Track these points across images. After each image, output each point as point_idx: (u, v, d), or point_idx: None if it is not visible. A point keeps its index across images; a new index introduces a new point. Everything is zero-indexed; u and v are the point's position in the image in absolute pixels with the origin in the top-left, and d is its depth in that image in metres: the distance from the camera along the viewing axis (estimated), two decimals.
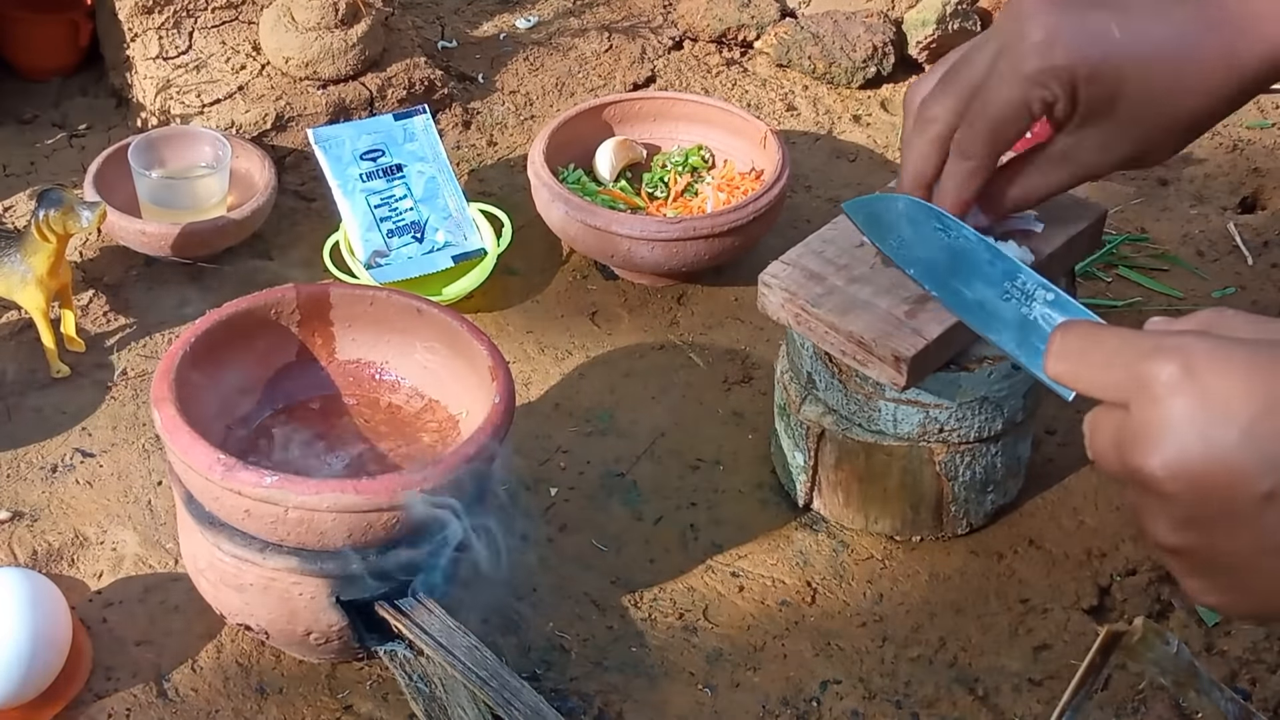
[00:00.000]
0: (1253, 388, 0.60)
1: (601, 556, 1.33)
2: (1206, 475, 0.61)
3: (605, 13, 2.08)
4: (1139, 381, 0.62)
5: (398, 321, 1.26)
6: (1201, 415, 0.60)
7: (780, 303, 1.21)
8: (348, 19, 1.77)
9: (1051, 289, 0.86)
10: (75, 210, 1.40)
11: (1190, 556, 0.64)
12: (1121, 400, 0.63)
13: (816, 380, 1.29)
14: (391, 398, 1.27)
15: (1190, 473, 0.61)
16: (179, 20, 1.79)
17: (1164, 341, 0.62)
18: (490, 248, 1.62)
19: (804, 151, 1.88)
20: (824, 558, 1.33)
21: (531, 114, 1.90)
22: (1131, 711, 1.18)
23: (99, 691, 1.18)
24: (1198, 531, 0.63)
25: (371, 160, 1.64)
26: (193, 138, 1.65)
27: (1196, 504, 0.62)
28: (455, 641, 1.12)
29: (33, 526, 1.32)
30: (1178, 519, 0.63)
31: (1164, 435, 0.61)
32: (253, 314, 1.23)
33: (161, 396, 1.12)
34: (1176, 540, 0.64)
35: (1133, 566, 1.32)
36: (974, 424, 1.25)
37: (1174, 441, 0.61)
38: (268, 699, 1.19)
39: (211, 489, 1.08)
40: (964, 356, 1.21)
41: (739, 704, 1.21)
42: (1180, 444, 0.61)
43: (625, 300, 1.63)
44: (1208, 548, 0.63)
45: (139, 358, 1.51)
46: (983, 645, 1.26)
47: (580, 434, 1.46)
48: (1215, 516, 0.62)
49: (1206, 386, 0.60)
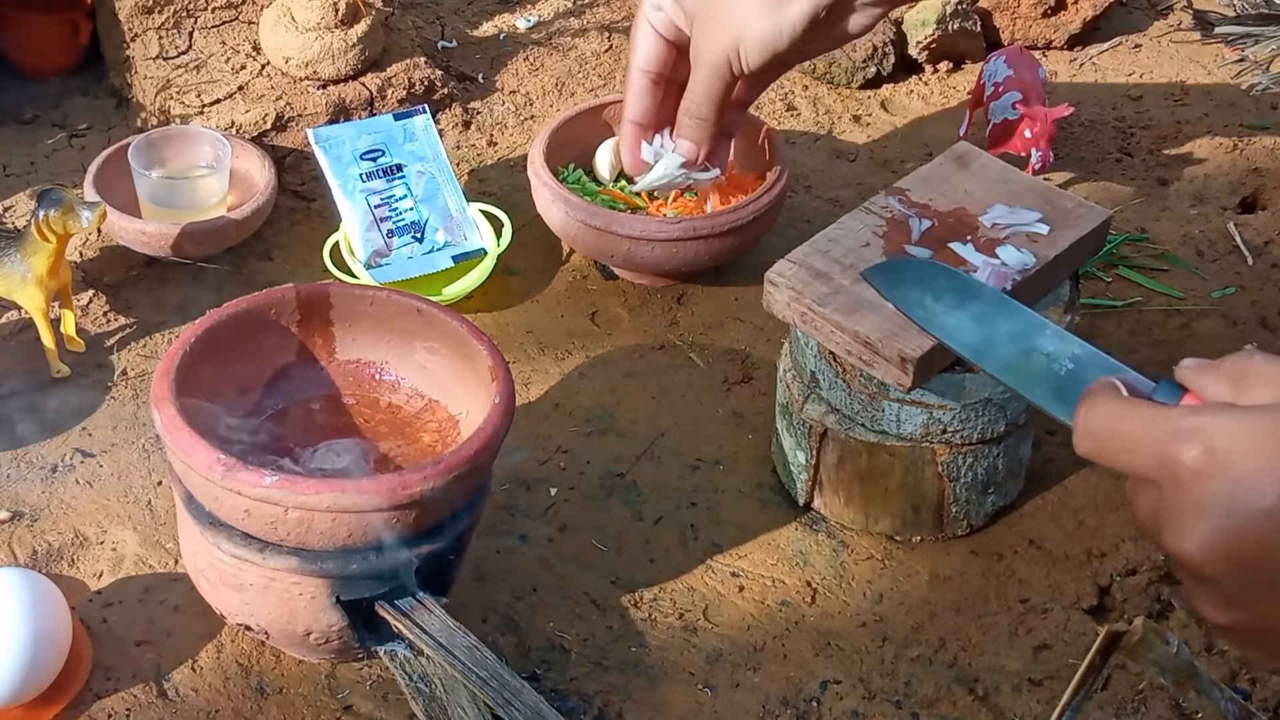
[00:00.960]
0: (1275, 460, 0.60)
1: (601, 556, 1.33)
2: (1243, 553, 0.61)
3: (605, 12, 2.07)
4: (1165, 468, 0.63)
5: (398, 321, 1.26)
6: (1228, 495, 0.60)
7: (786, 301, 1.21)
8: (348, 19, 1.77)
9: (1075, 341, 0.85)
10: (75, 210, 1.40)
11: (1244, 630, 0.64)
12: (1152, 480, 0.64)
13: (820, 379, 1.29)
14: (391, 398, 1.27)
15: (1227, 553, 0.61)
16: (179, 20, 1.79)
17: (1183, 423, 0.62)
18: (490, 248, 1.62)
19: (804, 151, 1.88)
20: (824, 558, 1.33)
21: (531, 114, 1.90)
22: (1131, 711, 1.18)
23: (99, 691, 1.18)
24: (1247, 607, 0.63)
25: (371, 160, 1.64)
26: (193, 138, 1.65)
27: (1239, 581, 0.62)
28: (455, 641, 1.12)
29: (33, 526, 1.31)
30: (1224, 598, 0.63)
31: (1197, 520, 0.61)
32: (253, 314, 1.23)
33: (161, 396, 1.12)
34: (1228, 619, 0.64)
35: (1133, 567, 1.32)
36: (977, 425, 1.25)
37: (1207, 525, 0.61)
38: (268, 699, 1.19)
39: (211, 489, 1.08)
40: None
41: (739, 704, 1.21)
42: (1213, 526, 0.61)
43: (625, 300, 1.63)
44: (1260, 619, 0.63)
45: (139, 358, 1.51)
46: (983, 645, 1.26)
47: (580, 434, 1.46)
48: (1259, 589, 0.62)
49: (1230, 466, 0.61)
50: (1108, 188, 1.80)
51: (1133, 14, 2.20)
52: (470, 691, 1.10)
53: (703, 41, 1.09)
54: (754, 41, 1.06)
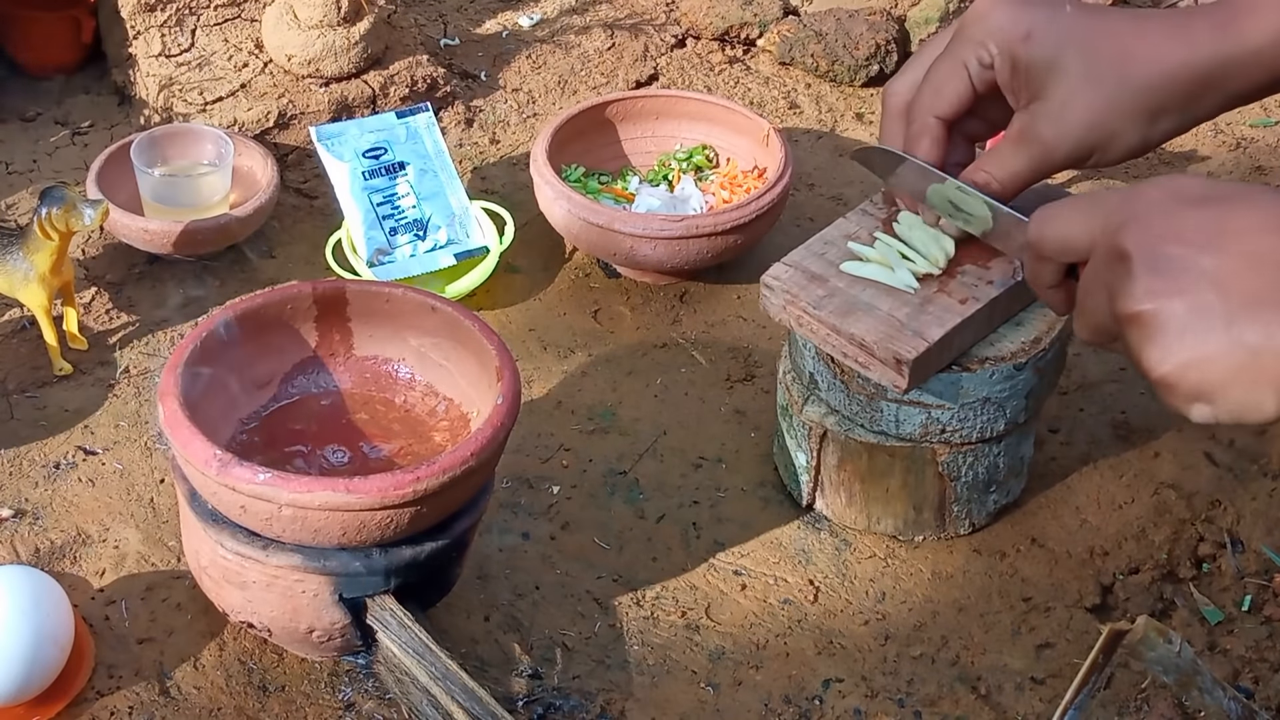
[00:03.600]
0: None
1: (604, 554, 1.33)
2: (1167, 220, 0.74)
3: (608, 10, 2.07)
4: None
5: (413, 319, 1.26)
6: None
7: (782, 305, 1.21)
8: (350, 17, 1.77)
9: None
10: (78, 208, 1.40)
11: (1148, 320, 0.73)
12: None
13: (819, 381, 1.29)
14: (407, 395, 1.27)
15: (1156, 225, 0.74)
16: (181, 18, 1.79)
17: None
18: (492, 246, 1.62)
19: (807, 149, 1.88)
20: (826, 556, 1.33)
21: (534, 112, 1.90)
22: (1134, 710, 1.18)
23: (101, 689, 1.18)
24: (1161, 277, 0.73)
25: (374, 158, 1.64)
26: (195, 135, 1.65)
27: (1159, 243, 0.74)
28: (413, 647, 1.12)
29: (35, 524, 1.32)
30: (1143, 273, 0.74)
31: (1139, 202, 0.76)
32: (267, 310, 1.23)
33: (166, 391, 1.12)
34: (1139, 304, 0.73)
35: (1135, 565, 1.32)
36: (976, 424, 1.24)
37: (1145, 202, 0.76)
38: (270, 696, 1.19)
39: (209, 484, 1.08)
40: (966, 357, 1.21)
41: (741, 702, 1.21)
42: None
43: (628, 298, 1.63)
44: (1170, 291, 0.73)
45: (141, 355, 1.51)
46: (985, 644, 1.26)
47: (582, 432, 1.46)
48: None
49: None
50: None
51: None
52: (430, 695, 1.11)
53: (1047, 127, 1.00)
54: (1120, 150, 1.00)
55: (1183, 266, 0.72)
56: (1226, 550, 1.31)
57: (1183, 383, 0.73)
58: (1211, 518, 1.34)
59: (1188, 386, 0.73)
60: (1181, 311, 0.72)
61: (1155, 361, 0.73)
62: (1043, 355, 1.23)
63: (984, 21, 1.01)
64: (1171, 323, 0.72)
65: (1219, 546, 1.32)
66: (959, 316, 1.17)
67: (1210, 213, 0.73)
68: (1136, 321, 0.73)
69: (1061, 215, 0.81)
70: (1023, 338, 1.23)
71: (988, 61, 1.01)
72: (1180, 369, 0.72)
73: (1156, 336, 0.73)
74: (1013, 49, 0.99)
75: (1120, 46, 0.97)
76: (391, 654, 1.14)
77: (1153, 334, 0.73)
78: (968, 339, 1.20)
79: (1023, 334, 1.23)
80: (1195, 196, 0.75)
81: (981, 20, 1.01)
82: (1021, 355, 1.22)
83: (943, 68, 1.04)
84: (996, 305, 1.20)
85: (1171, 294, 0.72)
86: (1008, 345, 1.22)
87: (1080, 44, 0.97)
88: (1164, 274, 0.72)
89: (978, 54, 1.01)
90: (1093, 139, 0.99)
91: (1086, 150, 1.00)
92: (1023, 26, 0.99)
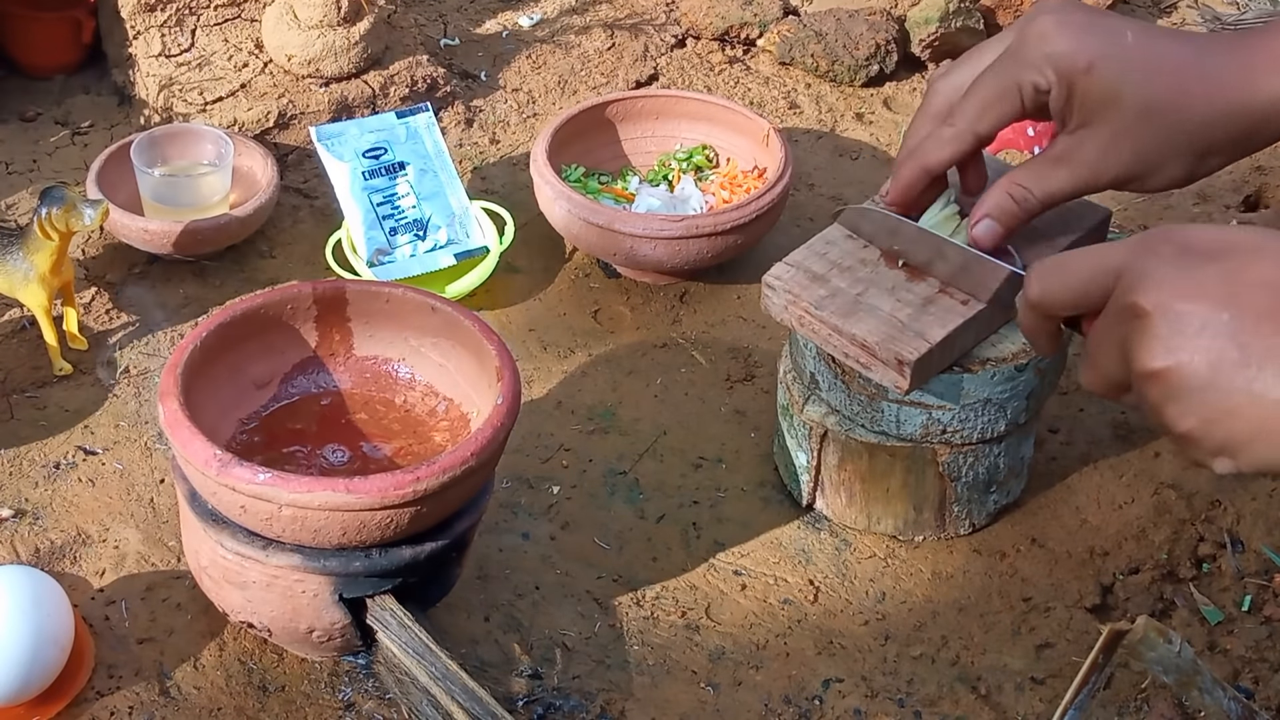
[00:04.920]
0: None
1: (604, 554, 1.33)
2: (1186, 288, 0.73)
3: (608, 10, 2.07)
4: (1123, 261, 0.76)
5: (413, 319, 1.26)
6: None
7: (784, 305, 1.21)
8: (350, 17, 1.77)
9: None
10: (78, 208, 1.40)
11: (1170, 377, 0.73)
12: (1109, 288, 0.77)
13: (819, 381, 1.29)
14: (407, 395, 1.27)
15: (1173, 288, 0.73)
16: (181, 18, 1.79)
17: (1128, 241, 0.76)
18: (492, 246, 1.62)
19: (807, 149, 1.88)
20: (826, 556, 1.33)
21: (534, 112, 1.90)
22: (1134, 710, 1.18)
23: (101, 689, 1.18)
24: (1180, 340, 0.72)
25: (374, 158, 1.64)
26: (195, 135, 1.65)
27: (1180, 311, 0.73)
28: (413, 646, 1.12)
29: (35, 524, 1.32)
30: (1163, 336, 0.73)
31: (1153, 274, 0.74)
32: (268, 310, 1.23)
33: (166, 390, 1.12)
34: (1160, 362, 0.73)
35: (1135, 565, 1.32)
36: (977, 425, 1.24)
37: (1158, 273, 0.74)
38: (270, 696, 1.19)
39: (209, 484, 1.08)
40: (967, 358, 1.21)
41: (741, 702, 1.21)
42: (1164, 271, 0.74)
43: (628, 298, 1.63)
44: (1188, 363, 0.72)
45: (141, 355, 1.51)
46: (985, 644, 1.26)
47: (583, 432, 1.46)
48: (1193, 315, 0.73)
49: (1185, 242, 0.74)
50: None
51: (1135, 12, 2.20)
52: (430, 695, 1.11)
53: (1095, 156, 0.99)
54: (1163, 181, 0.99)
55: (1202, 322, 0.71)
56: (1226, 550, 1.31)
57: (1207, 439, 0.72)
58: (1211, 518, 1.34)
59: (1212, 442, 0.72)
60: (1204, 368, 0.71)
61: (1177, 418, 0.73)
62: (1043, 357, 1.23)
63: (1045, 45, 0.98)
64: (1194, 379, 0.71)
65: (1219, 546, 1.32)
66: (961, 318, 1.17)
67: (1225, 266, 0.73)
68: (1158, 379, 0.73)
69: (1067, 270, 0.79)
70: (1024, 339, 1.23)
71: (1045, 88, 0.99)
72: (1204, 425, 0.72)
73: (1179, 393, 0.72)
74: (1072, 79, 0.98)
75: (1179, 84, 0.95)
76: (391, 654, 1.14)
77: (1174, 391, 0.72)
78: (969, 340, 1.20)
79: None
80: (1206, 250, 0.74)
81: (1043, 43, 0.99)
82: (1023, 357, 1.22)
83: (995, 85, 1.02)
84: (998, 306, 1.20)
85: (1193, 351, 0.71)
86: (1009, 346, 1.22)
87: (1140, 80, 0.96)
88: (1183, 331, 0.72)
89: (1034, 80, 0.99)
90: (1138, 170, 0.99)
91: (1130, 179, 0.99)
92: (1085, 57, 0.97)
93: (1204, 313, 0.72)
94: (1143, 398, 0.75)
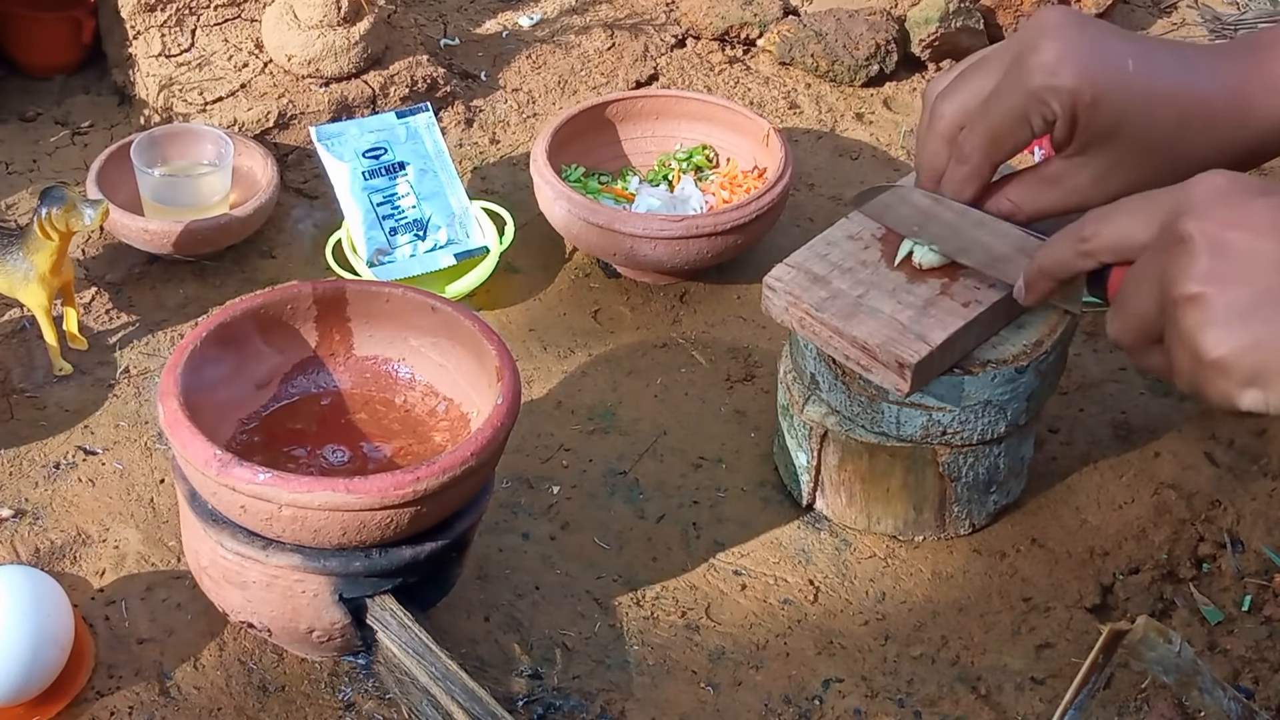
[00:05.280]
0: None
1: (604, 554, 1.33)
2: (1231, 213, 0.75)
3: (608, 10, 2.07)
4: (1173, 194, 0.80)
5: (413, 318, 1.26)
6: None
7: (784, 306, 1.21)
8: (350, 17, 1.77)
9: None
10: (78, 208, 1.40)
11: (1209, 301, 0.74)
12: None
13: (820, 381, 1.29)
14: (407, 395, 1.27)
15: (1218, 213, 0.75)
16: (181, 18, 1.79)
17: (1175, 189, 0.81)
18: (492, 246, 1.62)
19: (807, 149, 1.88)
20: (826, 556, 1.33)
21: (534, 112, 1.90)
22: (1134, 710, 1.18)
23: (101, 689, 1.18)
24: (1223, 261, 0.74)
25: (374, 158, 1.64)
26: (195, 135, 1.65)
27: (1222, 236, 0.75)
28: (414, 648, 1.12)
29: (35, 524, 1.32)
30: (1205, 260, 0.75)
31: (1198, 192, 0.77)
32: (268, 310, 1.23)
33: (166, 390, 1.12)
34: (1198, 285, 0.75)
35: (1135, 565, 1.32)
36: (977, 426, 1.25)
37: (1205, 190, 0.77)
38: (270, 696, 1.19)
39: (209, 484, 1.08)
40: (968, 360, 1.21)
41: (741, 702, 1.21)
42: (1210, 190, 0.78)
43: (628, 298, 1.63)
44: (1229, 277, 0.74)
45: (141, 355, 1.51)
46: (985, 644, 1.26)
47: (583, 432, 1.46)
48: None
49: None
50: None
51: (1135, 12, 2.20)
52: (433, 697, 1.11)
53: (1087, 183, 1.02)
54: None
55: (1246, 251, 0.73)
56: (1226, 550, 1.31)
57: (1239, 366, 0.73)
58: (1211, 518, 1.34)
59: (1244, 370, 0.73)
60: (1245, 295, 0.72)
61: (1213, 344, 0.73)
62: (1044, 358, 1.23)
63: (1051, 79, 0.99)
64: (1234, 305, 0.73)
65: (1219, 546, 1.32)
66: (962, 320, 1.17)
67: (1273, 201, 0.74)
68: (1196, 302, 0.74)
69: (1121, 212, 0.81)
70: (1024, 341, 1.23)
71: (1051, 119, 1.01)
72: (1238, 352, 0.73)
73: (1217, 318, 0.73)
74: (1076, 112, 0.99)
75: (1178, 117, 0.97)
76: (391, 654, 1.14)
77: (1213, 315, 0.73)
78: (970, 342, 1.20)
79: (1024, 337, 1.23)
80: (1256, 187, 0.76)
81: (1048, 76, 0.99)
82: (1023, 358, 1.22)
83: (1004, 116, 1.03)
84: (999, 308, 1.20)
85: (1235, 278, 0.73)
86: (1009, 348, 1.22)
87: (1140, 116, 0.97)
88: (1227, 258, 0.73)
89: (1042, 111, 1.01)
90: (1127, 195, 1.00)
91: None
92: (1089, 93, 0.98)
93: (1250, 241, 0.73)
94: (1176, 326, 0.76)
